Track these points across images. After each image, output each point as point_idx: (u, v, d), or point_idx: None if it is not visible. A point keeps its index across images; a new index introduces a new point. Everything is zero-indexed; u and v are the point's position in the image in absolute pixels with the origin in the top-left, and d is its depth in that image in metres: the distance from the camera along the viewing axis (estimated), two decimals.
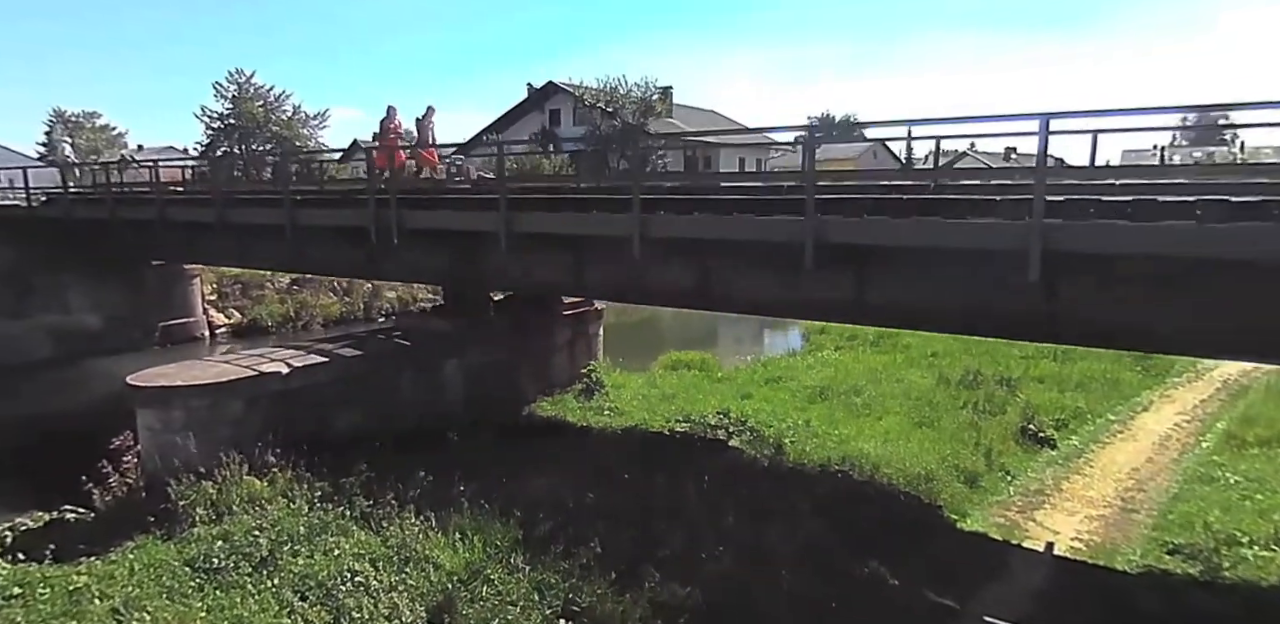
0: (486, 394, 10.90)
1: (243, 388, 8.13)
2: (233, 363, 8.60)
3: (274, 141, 42.26)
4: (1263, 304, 5.77)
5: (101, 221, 14.69)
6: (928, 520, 8.09)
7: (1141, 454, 10.74)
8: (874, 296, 7.69)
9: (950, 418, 11.26)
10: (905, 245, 6.81)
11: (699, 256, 8.59)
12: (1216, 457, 10.37)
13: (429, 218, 9.94)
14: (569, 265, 9.72)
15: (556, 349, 12.48)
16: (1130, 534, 8.22)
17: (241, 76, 42.11)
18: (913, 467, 9.06)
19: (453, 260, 10.72)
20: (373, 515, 7.25)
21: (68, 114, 78.71)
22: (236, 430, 8.04)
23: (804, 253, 7.18)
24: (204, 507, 7.47)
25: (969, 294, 7.14)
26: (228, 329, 21.71)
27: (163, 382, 7.95)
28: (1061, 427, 11.42)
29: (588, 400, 12.11)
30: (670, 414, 11.29)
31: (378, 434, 9.31)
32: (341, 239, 11.63)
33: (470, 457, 9.27)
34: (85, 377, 17.28)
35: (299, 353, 9.18)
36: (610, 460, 9.05)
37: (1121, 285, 6.39)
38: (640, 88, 40.38)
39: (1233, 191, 5.92)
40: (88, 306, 18.59)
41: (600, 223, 8.49)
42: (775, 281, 8.19)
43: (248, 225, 12.34)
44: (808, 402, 12.17)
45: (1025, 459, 10.25)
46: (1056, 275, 6.41)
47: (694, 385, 13.36)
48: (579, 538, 6.70)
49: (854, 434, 10.35)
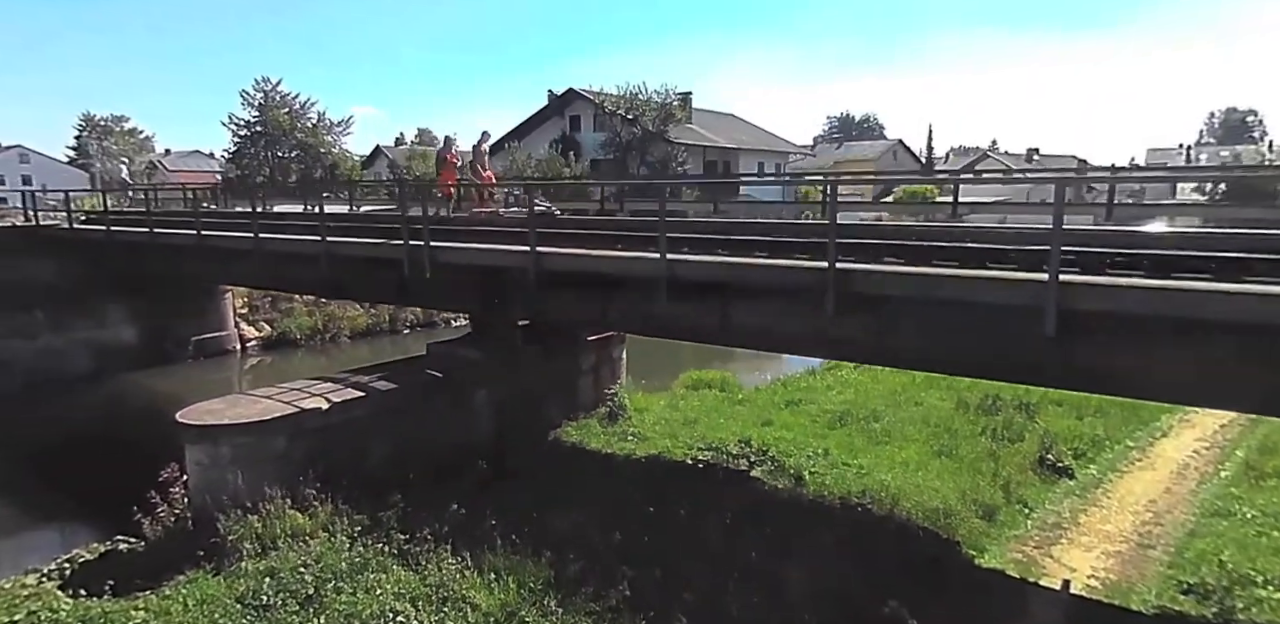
0: (514, 421, 11.22)
1: (285, 424, 8.50)
2: (275, 398, 8.97)
3: (299, 149, 43.00)
4: (1253, 360, 5.95)
5: (140, 245, 15.17)
6: (947, 557, 8.29)
7: (1159, 484, 10.86)
8: (892, 340, 7.91)
9: (969, 446, 11.43)
10: (925, 297, 7.01)
11: (722, 295, 8.83)
12: (1234, 488, 10.47)
13: (461, 254, 10.26)
14: (595, 300, 10.00)
15: (581, 374, 12.77)
16: (1146, 572, 8.38)
17: (268, 84, 42.99)
18: (931, 500, 9.25)
19: (482, 291, 11.05)
20: (410, 552, 7.60)
21: (96, 119, 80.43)
22: (280, 465, 8.41)
23: (826, 298, 7.43)
24: (250, 541, 7.85)
25: (985, 342, 7.32)
26: (258, 342, 22.27)
27: (210, 420, 8.33)
28: (1080, 455, 11.55)
29: (611, 425, 12.40)
30: (692, 441, 11.54)
31: (411, 464, 9.66)
32: (375, 267, 11.99)
33: (499, 486, 9.63)
34: (123, 392, 17.89)
35: (336, 386, 9.54)
36: (635, 493, 9.33)
37: (1131, 338, 6.57)
38: (660, 94, 40.61)
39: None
40: (124, 321, 19.21)
41: (629, 266, 8.75)
42: (798, 322, 8.39)
43: (283, 253, 12.73)
44: (827, 427, 12.38)
45: (1043, 490, 10.41)
46: (1070, 328, 6.60)
47: (715, 408, 13.61)
48: (608, 579, 6.99)
49: (873, 464, 10.55)
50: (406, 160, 42.38)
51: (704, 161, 43.42)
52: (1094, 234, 7.71)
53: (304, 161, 43.34)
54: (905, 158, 75.19)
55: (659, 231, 8.43)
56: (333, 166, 43.49)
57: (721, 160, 44.99)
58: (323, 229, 11.92)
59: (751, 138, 48.33)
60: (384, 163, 52.65)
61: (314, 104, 44.39)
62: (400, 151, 54.41)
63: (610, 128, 40.17)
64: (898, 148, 74.50)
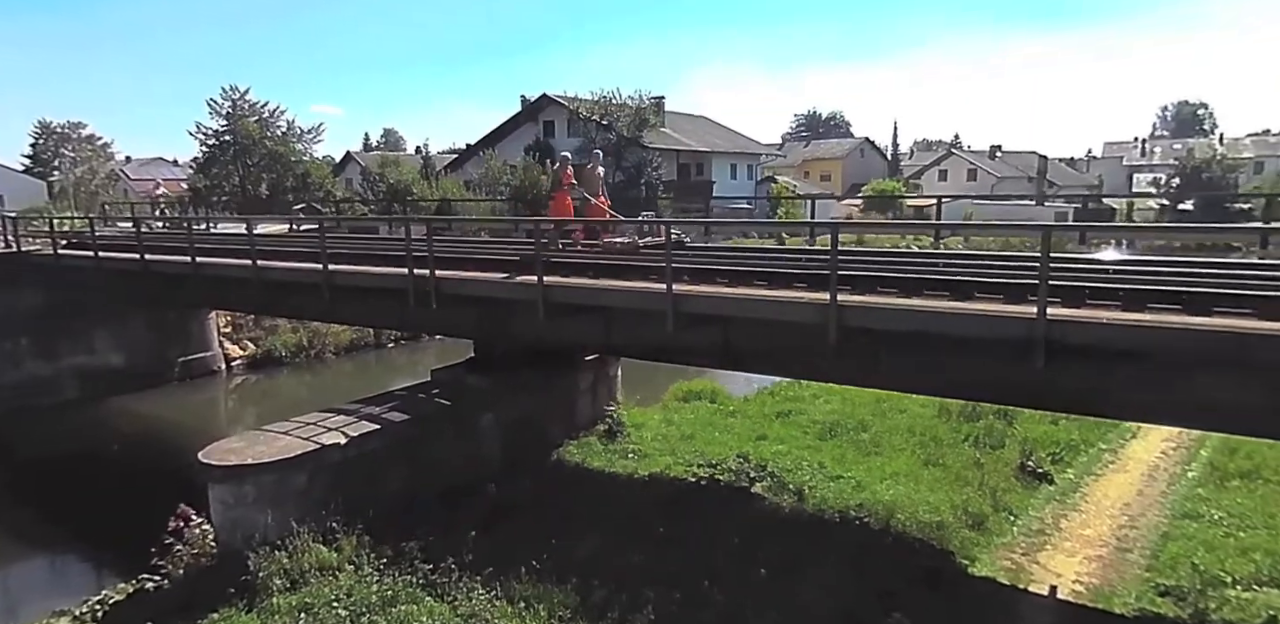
0: (519, 443, 11.56)
1: (306, 461, 8.76)
2: (293, 434, 9.20)
3: (269, 158, 42.58)
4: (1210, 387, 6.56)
5: (132, 273, 15.18)
6: (942, 568, 8.82)
7: (1132, 487, 11.54)
8: (887, 366, 8.41)
9: (954, 454, 12.02)
10: (920, 330, 7.50)
11: (724, 323, 9.25)
12: (1201, 489, 11.17)
13: (468, 286, 10.56)
14: (599, 327, 10.36)
15: (580, 393, 13.13)
16: (1126, 575, 8.99)
17: (235, 93, 42.45)
18: (924, 513, 9.78)
19: (486, 319, 11.34)
20: (436, 583, 7.92)
21: (53, 125, 78.58)
22: (302, 501, 8.67)
23: (827, 331, 7.89)
24: (279, 577, 8.12)
25: (976, 368, 7.84)
26: (243, 361, 22.25)
27: (233, 459, 8.56)
28: (1057, 460, 12.20)
29: (611, 442, 12.77)
30: (691, 457, 11.95)
31: (424, 490, 9.99)
32: (376, 294, 12.21)
33: (511, 510, 9.97)
34: (114, 418, 17.84)
35: (351, 419, 9.80)
36: (644, 513, 9.75)
37: (1113, 365, 7.12)
38: (634, 99, 40.92)
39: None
40: (111, 346, 19.15)
41: (636, 299, 9.14)
42: (798, 348, 8.85)
43: (282, 282, 12.89)
44: (819, 439, 12.88)
45: (1026, 496, 11.02)
46: (1056, 357, 7.13)
47: (709, 422, 14.05)
48: (634, 603, 7.39)
49: (867, 476, 11.06)
50: (379, 168, 42.07)
51: (677, 165, 43.90)
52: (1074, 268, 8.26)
53: (274, 171, 42.88)
54: (872, 155, 76.50)
55: (665, 263, 8.82)
56: (304, 175, 43.09)
57: (694, 163, 45.51)
58: (324, 256, 12.11)
59: (723, 140, 48.89)
60: (355, 169, 52.25)
61: (283, 112, 44.01)
62: (372, 158, 53.92)
63: (585, 133, 40.42)
64: (864, 146, 75.77)
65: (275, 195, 42.53)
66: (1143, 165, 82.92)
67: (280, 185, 42.95)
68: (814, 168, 71.75)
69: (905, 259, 9.88)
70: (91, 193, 43.32)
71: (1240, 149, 77.91)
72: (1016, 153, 75.13)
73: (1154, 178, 74.38)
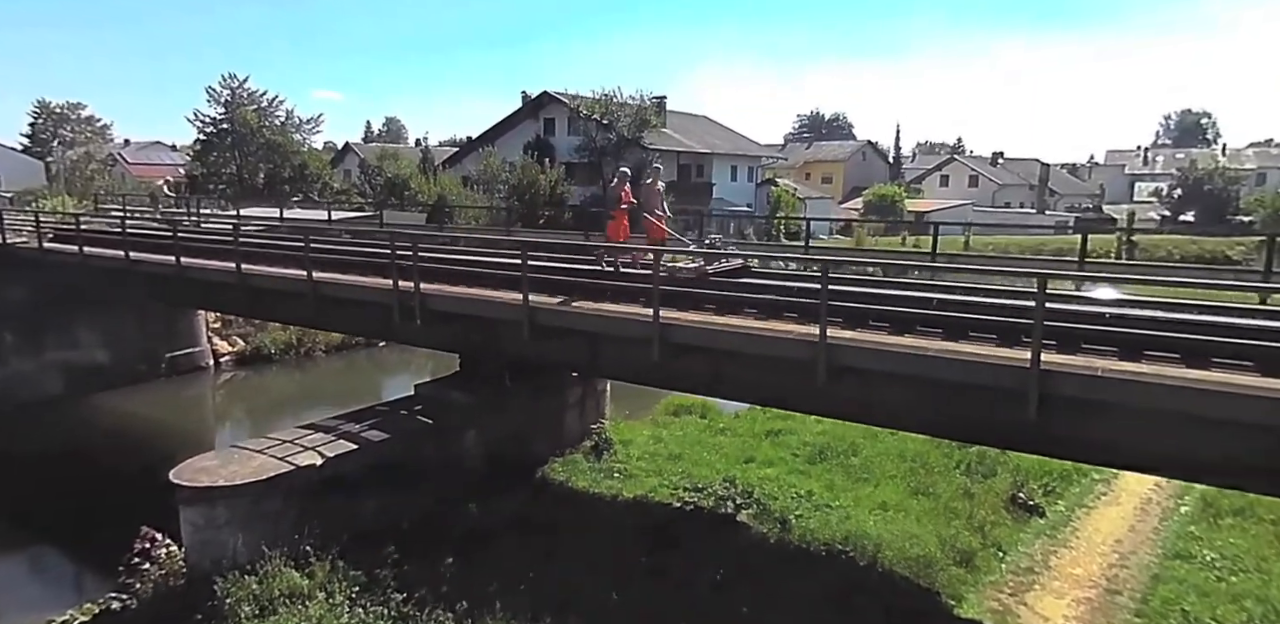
0: (503, 461, 11.35)
1: (280, 483, 8.54)
2: (269, 453, 8.98)
3: (267, 148, 42.20)
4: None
5: (116, 270, 14.92)
6: (928, 608, 8.65)
7: (1124, 522, 11.37)
8: (879, 403, 8.20)
9: (944, 482, 11.83)
10: (915, 375, 7.29)
11: (713, 353, 9.03)
12: (1194, 527, 11.01)
13: (453, 303, 10.34)
14: (586, 350, 10.14)
15: (568, 408, 12.92)
16: (1114, 620, 8.82)
17: (235, 81, 42.01)
18: (912, 548, 9.60)
19: (472, 335, 11.11)
20: (409, 615, 7.72)
21: (52, 106, 78.01)
22: (275, 524, 8.46)
23: (817, 368, 7.68)
24: (248, 602, 7.91)
25: (968, 411, 7.63)
26: (232, 358, 22.02)
27: (205, 480, 8.33)
28: (1049, 492, 12.04)
29: (598, 461, 12.57)
30: (678, 479, 11.75)
31: (403, 512, 9.77)
32: (363, 304, 11.97)
33: (491, 533, 9.77)
34: (97, 416, 17.62)
35: (328, 438, 9.58)
36: (626, 541, 9.56)
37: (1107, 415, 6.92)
38: (635, 99, 40.57)
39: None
40: (97, 342, 18.90)
41: (622, 326, 8.92)
42: (788, 380, 8.63)
43: (267, 289, 12.65)
44: (808, 463, 12.70)
45: (1016, 531, 10.84)
46: (1049, 407, 6.92)
47: (698, 441, 13.85)
48: None
49: (854, 506, 10.87)
50: (377, 160, 41.71)
51: (677, 166, 43.53)
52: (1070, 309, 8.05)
53: (272, 160, 42.49)
54: (874, 158, 76.07)
55: (653, 291, 8.60)
56: (302, 166, 42.71)
57: (694, 164, 45.17)
58: (307, 263, 11.86)
59: (724, 141, 48.52)
60: (354, 161, 51.83)
61: (282, 102, 43.57)
62: (370, 150, 53.50)
63: (585, 131, 40.08)
64: (866, 149, 75.33)
65: (272, 185, 42.16)
66: (1144, 174, 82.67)
67: (277, 175, 42.56)
68: (815, 170, 71.30)
69: (900, 287, 9.66)
70: (87, 178, 42.79)
71: (1242, 160, 77.67)
72: (1018, 160, 74.86)
73: (1156, 188, 74.17)
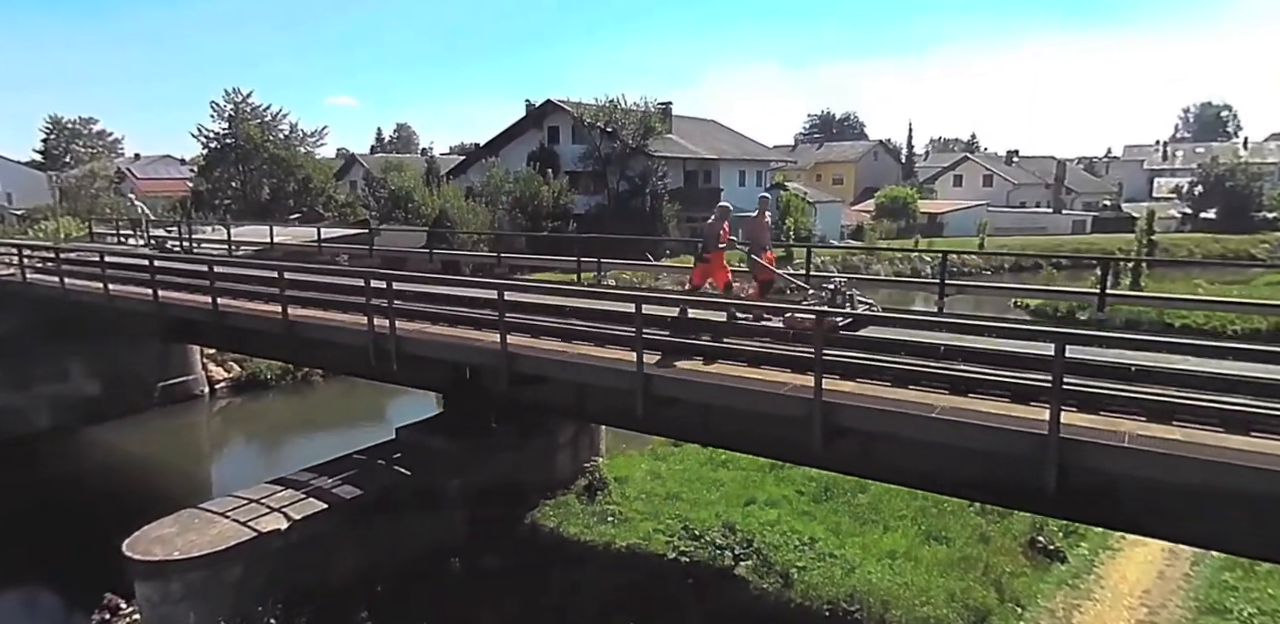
0: (489, 510, 10.78)
1: (242, 551, 8.01)
2: (231, 516, 8.45)
3: (271, 162, 42.02)
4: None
5: (98, 306, 14.51)
6: None
7: (1152, 567, 10.63)
8: (883, 461, 7.56)
9: (958, 524, 11.15)
10: (920, 439, 6.64)
11: (702, 402, 8.41)
12: (1229, 574, 10.25)
13: (429, 348, 9.80)
14: (571, 395, 9.56)
15: (559, 448, 12.35)
16: None
17: (238, 95, 41.91)
18: (921, 606, 8.95)
19: (455, 377, 10.57)
20: None
21: (64, 121, 78.63)
22: (236, 596, 7.94)
23: (811, 428, 7.05)
24: None
25: (978, 474, 6.98)
26: (227, 384, 21.59)
27: (160, 552, 7.80)
28: (1070, 533, 11.30)
29: (591, 503, 11.97)
30: (674, 523, 11.13)
31: (379, 571, 9.23)
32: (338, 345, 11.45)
33: (474, 593, 9.22)
34: (81, 448, 17.19)
35: (298, 496, 9.04)
36: (617, 601, 8.98)
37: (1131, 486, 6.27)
38: (639, 106, 40.00)
39: None
40: (86, 373, 18.49)
41: (604, 375, 8.33)
42: (781, 432, 8.02)
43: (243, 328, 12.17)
44: (813, 501, 12.03)
45: (1035, 580, 10.13)
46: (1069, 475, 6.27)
47: (697, 475, 13.22)
48: None
49: (861, 554, 10.22)
50: (382, 172, 41.33)
51: (684, 172, 42.92)
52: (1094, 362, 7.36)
53: (275, 175, 42.30)
54: (886, 158, 75.17)
55: (635, 337, 7.99)
56: (306, 180, 42.48)
57: (701, 171, 44.52)
58: (283, 299, 11.34)
59: (732, 146, 47.80)
60: (359, 172, 51.58)
61: (286, 115, 43.39)
62: (375, 161, 53.12)
63: (589, 140, 39.53)
64: (878, 149, 74.48)
65: (277, 199, 41.97)
66: (1164, 169, 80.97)
67: (282, 189, 42.38)
68: (826, 171, 70.44)
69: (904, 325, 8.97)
70: (92, 196, 42.74)
71: (1265, 154, 75.96)
72: (1033, 158, 73.60)
73: (1175, 184, 72.63)
